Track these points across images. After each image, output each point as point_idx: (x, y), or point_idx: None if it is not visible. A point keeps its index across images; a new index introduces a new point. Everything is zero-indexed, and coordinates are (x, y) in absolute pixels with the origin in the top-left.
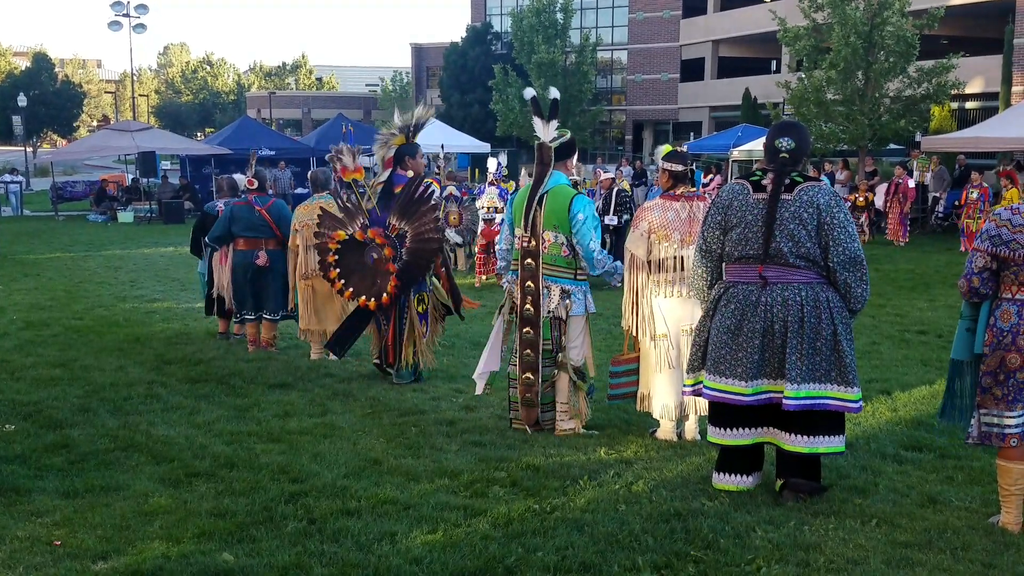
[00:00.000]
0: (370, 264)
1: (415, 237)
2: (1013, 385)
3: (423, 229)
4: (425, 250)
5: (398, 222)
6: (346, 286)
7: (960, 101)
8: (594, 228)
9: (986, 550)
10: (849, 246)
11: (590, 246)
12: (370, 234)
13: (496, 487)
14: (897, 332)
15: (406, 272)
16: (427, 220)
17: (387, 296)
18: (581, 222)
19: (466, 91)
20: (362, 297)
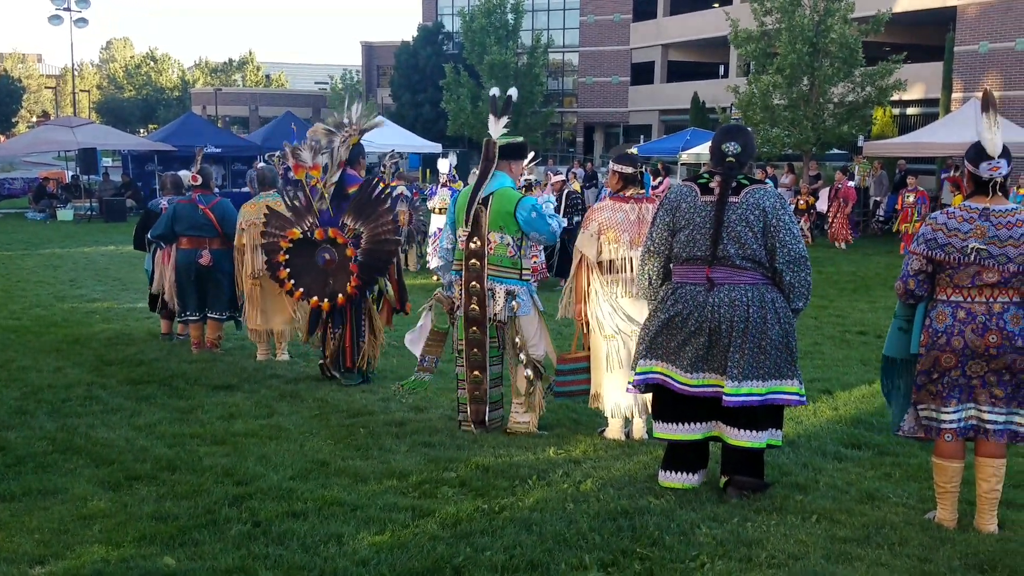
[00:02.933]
0: (321, 264)
1: (372, 238)
2: (947, 383)
3: (380, 230)
4: (382, 251)
5: (353, 223)
6: (296, 286)
7: (901, 107)
8: (549, 216)
9: (923, 545)
10: (795, 248)
11: (550, 229)
12: (331, 233)
13: (445, 487)
14: (839, 333)
15: (363, 273)
16: (384, 221)
17: (343, 297)
18: (535, 217)
19: (417, 91)
20: (314, 298)
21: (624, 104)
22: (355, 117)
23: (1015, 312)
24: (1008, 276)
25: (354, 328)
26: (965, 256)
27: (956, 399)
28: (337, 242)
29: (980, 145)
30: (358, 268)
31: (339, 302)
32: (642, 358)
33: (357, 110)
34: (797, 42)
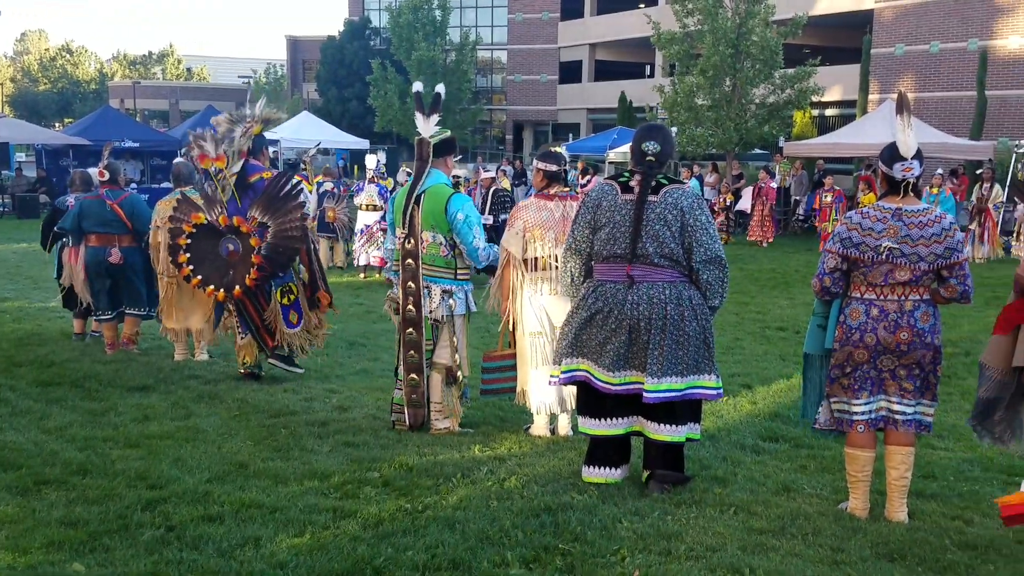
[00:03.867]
0: (224, 255)
1: (277, 232)
2: (859, 376)
3: (287, 225)
4: (286, 247)
5: (260, 215)
6: (195, 273)
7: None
8: (477, 224)
9: (835, 535)
10: (711, 247)
11: (473, 243)
12: (235, 221)
13: (368, 488)
14: (759, 329)
15: (264, 266)
16: (292, 217)
17: (240, 289)
18: (461, 221)
19: (344, 86)
20: (210, 287)
21: (553, 102)
22: (259, 110)
23: (925, 310)
24: (919, 274)
25: (260, 313)
26: (878, 255)
27: (867, 391)
28: (241, 231)
29: (894, 146)
30: (260, 260)
31: (235, 294)
32: (566, 356)
33: (262, 105)
34: (719, 44)
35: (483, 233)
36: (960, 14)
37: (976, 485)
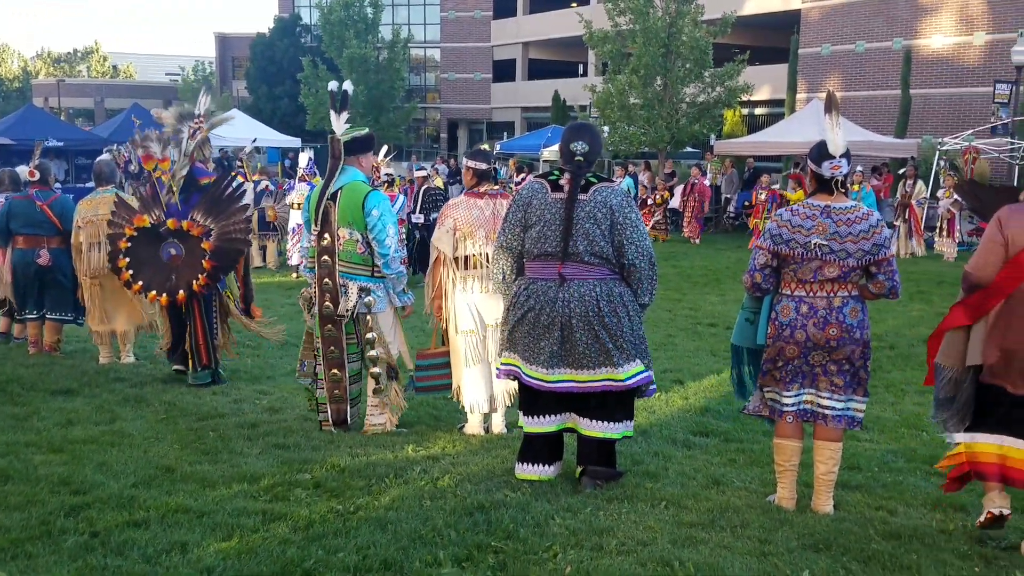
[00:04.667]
0: (166, 260)
1: (221, 236)
2: (790, 370)
3: (231, 228)
4: (231, 250)
5: (203, 218)
6: (135, 279)
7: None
8: (391, 224)
9: (763, 527)
10: (642, 244)
11: (386, 243)
12: (184, 226)
13: (298, 490)
14: (690, 325)
15: (211, 271)
16: (236, 220)
17: (184, 294)
18: (376, 218)
19: (274, 84)
20: (152, 292)
21: (487, 101)
22: (202, 108)
23: (853, 306)
24: (847, 271)
25: (206, 325)
26: (808, 251)
27: (798, 384)
28: (191, 235)
29: (823, 145)
30: (211, 265)
31: (179, 299)
32: (503, 350)
33: (205, 101)
34: (650, 43)
35: (396, 235)
36: (885, 14)
37: (900, 476)
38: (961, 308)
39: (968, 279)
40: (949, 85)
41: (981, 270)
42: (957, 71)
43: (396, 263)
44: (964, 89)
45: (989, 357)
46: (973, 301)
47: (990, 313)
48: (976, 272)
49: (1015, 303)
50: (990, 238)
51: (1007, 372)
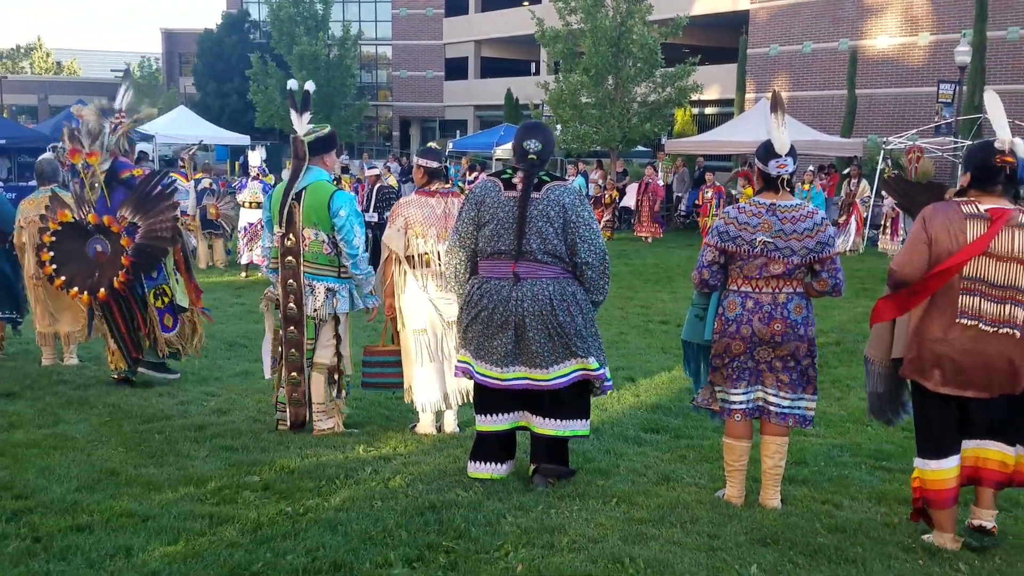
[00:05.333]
0: (91, 256)
1: (147, 233)
2: (737, 367)
3: (158, 226)
4: (154, 248)
5: (131, 215)
6: (58, 273)
7: (700, 106)
8: (358, 224)
9: (712, 522)
10: (595, 243)
11: (354, 243)
12: (105, 221)
13: (247, 492)
14: (642, 323)
15: (132, 268)
16: (163, 217)
17: (105, 291)
18: (344, 219)
19: (222, 80)
20: (74, 288)
21: (439, 99)
22: (123, 103)
23: (798, 302)
24: (792, 268)
25: (128, 321)
26: (754, 248)
27: (745, 381)
28: (111, 231)
29: (769, 144)
30: (129, 262)
31: (100, 296)
32: (460, 349)
33: (126, 95)
34: (601, 43)
35: (363, 233)
36: (831, 15)
37: (845, 470)
38: (888, 302)
39: (893, 276)
40: (894, 85)
41: (905, 267)
42: (902, 71)
43: (364, 263)
44: (908, 89)
45: (909, 352)
46: (897, 299)
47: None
48: (900, 270)
49: (937, 301)
50: (915, 236)
51: (924, 368)
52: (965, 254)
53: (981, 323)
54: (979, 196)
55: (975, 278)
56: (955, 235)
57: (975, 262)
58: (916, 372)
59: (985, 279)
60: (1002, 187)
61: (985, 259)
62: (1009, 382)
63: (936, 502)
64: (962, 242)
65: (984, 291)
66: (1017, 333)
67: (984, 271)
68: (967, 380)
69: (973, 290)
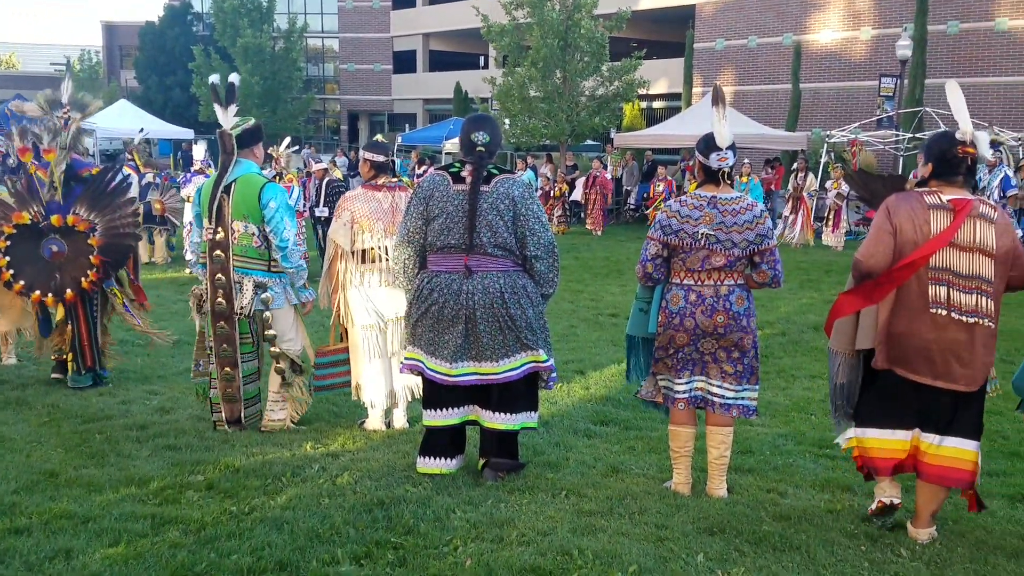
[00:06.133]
0: (47, 257)
1: (108, 231)
2: (681, 358)
3: (118, 223)
4: (119, 245)
5: (87, 213)
6: (16, 278)
7: (648, 100)
8: (288, 216)
9: (660, 512)
10: (544, 236)
11: (284, 235)
12: (70, 221)
13: (190, 492)
14: (592, 316)
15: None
16: (123, 214)
17: (72, 292)
18: (273, 211)
19: (165, 73)
20: (36, 292)
21: (388, 92)
22: (66, 97)
23: (739, 294)
24: (733, 260)
25: (90, 325)
26: (696, 241)
27: (689, 371)
28: (76, 230)
29: (710, 137)
30: (100, 261)
31: (68, 298)
32: (407, 344)
33: (68, 88)
34: (548, 36)
35: (295, 227)
36: (775, 9)
37: (790, 458)
38: (850, 296)
39: (858, 267)
40: (837, 79)
41: (870, 258)
42: (845, 65)
43: (295, 256)
44: (851, 83)
45: (879, 342)
46: (863, 291)
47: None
48: (866, 260)
49: (904, 292)
50: (879, 226)
51: (894, 357)
52: (932, 245)
53: (954, 312)
54: (941, 187)
55: (942, 268)
56: (919, 226)
57: (941, 253)
58: (890, 361)
59: (952, 269)
60: (963, 178)
61: (951, 250)
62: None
63: (880, 469)
64: (926, 232)
65: (952, 281)
66: (987, 323)
67: (950, 262)
68: (936, 370)
69: (941, 280)
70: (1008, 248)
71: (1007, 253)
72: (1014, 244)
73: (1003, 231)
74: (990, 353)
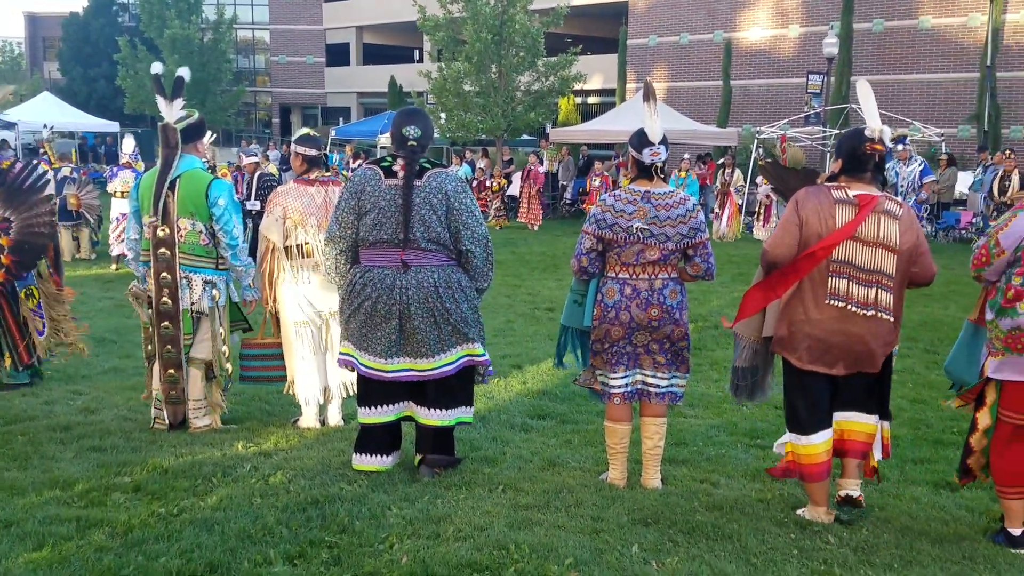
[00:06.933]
0: None
1: (23, 228)
2: (616, 352)
3: (33, 220)
4: (33, 243)
5: (2, 210)
6: None
7: (583, 96)
8: (237, 214)
9: (596, 504)
10: (477, 230)
11: (233, 233)
12: None
13: (117, 494)
14: (529, 310)
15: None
16: (39, 211)
17: None
18: (223, 208)
19: (89, 65)
20: None
21: (321, 85)
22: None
23: (673, 287)
24: (667, 254)
25: (18, 321)
26: (630, 235)
27: (624, 366)
28: None
29: (643, 132)
30: (10, 260)
31: None
32: (343, 340)
33: None
34: (482, 31)
35: (241, 223)
36: (706, 7)
37: (723, 449)
38: (755, 293)
39: (765, 256)
40: (766, 76)
41: (777, 248)
42: (774, 63)
43: (244, 254)
44: (780, 80)
45: (779, 330)
46: (767, 285)
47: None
48: (773, 250)
49: (806, 283)
50: (787, 218)
51: (793, 346)
52: (834, 238)
53: (850, 305)
54: (849, 182)
55: (843, 261)
56: (825, 219)
57: (844, 246)
58: (786, 349)
59: (853, 263)
60: (871, 174)
61: (853, 243)
62: (869, 361)
63: (809, 475)
64: (831, 226)
65: (852, 274)
66: (884, 316)
67: (852, 255)
68: (833, 359)
69: (841, 273)
70: (911, 244)
71: (910, 249)
72: (917, 240)
73: (907, 227)
74: (889, 345)
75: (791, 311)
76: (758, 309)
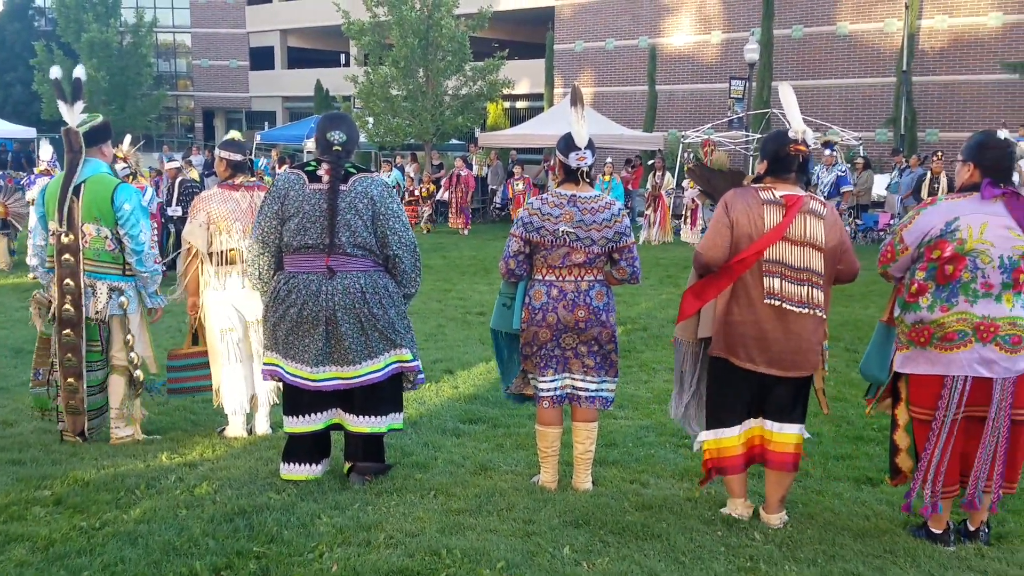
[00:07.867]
0: None
1: None
2: (544, 355)
3: None
4: None
5: None
6: None
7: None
8: (144, 219)
9: (527, 508)
10: (404, 235)
11: (140, 238)
12: None
13: (37, 508)
14: (460, 315)
15: None
16: None
17: None
18: (128, 212)
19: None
20: None
21: (245, 89)
22: None
23: (599, 289)
24: (593, 257)
25: None
26: (556, 238)
27: (553, 369)
28: None
29: (569, 137)
30: None
31: None
32: (267, 350)
33: None
34: (408, 35)
35: (149, 230)
36: (631, 13)
37: (652, 449)
38: (691, 296)
39: (699, 259)
40: (690, 81)
41: (709, 250)
42: (697, 68)
43: (150, 260)
44: (704, 85)
45: (716, 331)
46: (702, 287)
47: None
48: (705, 252)
49: (740, 283)
50: (718, 220)
51: (731, 346)
52: (765, 241)
53: (786, 303)
54: (775, 183)
55: (775, 261)
56: (754, 220)
57: (775, 246)
58: (724, 350)
59: (784, 262)
60: (795, 175)
61: (783, 243)
62: (805, 360)
63: (728, 468)
64: (760, 226)
65: (784, 273)
66: (818, 313)
67: (783, 255)
68: (772, 357)
69: (774, 272)
70: (836, 243)
71: (835, 248)
72: (841, 239)
73: (831, 226)
74: (819, 341)
75: (727, 312)
76: (694, 311)
